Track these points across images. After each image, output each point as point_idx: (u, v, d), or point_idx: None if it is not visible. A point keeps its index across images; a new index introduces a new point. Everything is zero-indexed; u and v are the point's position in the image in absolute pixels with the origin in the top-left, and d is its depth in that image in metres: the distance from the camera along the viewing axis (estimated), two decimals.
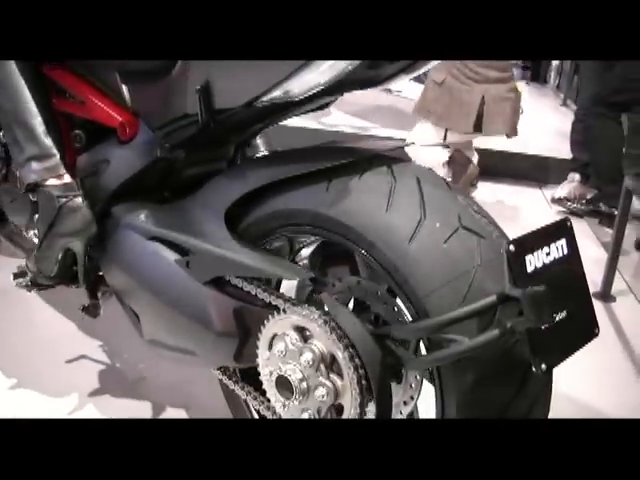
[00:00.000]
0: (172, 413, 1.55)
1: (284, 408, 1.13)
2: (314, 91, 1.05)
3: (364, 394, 1.04)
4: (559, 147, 4.02)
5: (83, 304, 1.49)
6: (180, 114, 1.24)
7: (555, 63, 5.60)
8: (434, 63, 1.15)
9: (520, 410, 0.99)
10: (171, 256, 1.24)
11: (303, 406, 1.09)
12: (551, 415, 1.07)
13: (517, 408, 0.99)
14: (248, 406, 1.37)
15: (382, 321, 1.12)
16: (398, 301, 1.08)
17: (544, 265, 0.93)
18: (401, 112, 4.44)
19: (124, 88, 1.32)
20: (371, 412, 1.08)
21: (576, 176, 3.55)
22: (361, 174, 1.06)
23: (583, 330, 0.99)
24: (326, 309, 1.08)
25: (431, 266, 0.97)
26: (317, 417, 1.09)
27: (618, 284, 2.45)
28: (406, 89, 4.81)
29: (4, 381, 1.69)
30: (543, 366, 0.90)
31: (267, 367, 1.14)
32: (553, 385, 1.05)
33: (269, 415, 1.22)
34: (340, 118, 4.09)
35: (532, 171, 3.92)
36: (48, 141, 1.35)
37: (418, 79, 3.66)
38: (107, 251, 1.35)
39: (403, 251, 0.99)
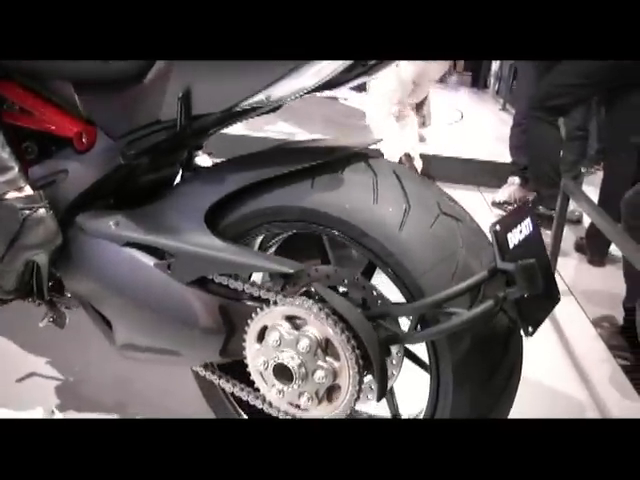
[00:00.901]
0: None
1: (280, 394, 1.19)
2: (297, 95, 1.12)
3: (361, 373, 1.13)
4: (499, 151, 4.08)
5: (51, 316, 1.46)
6: (146, 122, 1.25)
7: (494, 68, 5.77)
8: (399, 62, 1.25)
9: (503, 373, 1.12)
10: (148, 260, 1.25)
11: (302, 389, 1.16)
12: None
13: (501, 371, 1.12)
14: (230, 400, 1.40)
15: (367, 305, 1.20)
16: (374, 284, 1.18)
17: (519, 241, 1.06)
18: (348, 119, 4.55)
19: (78, 99, 1.31)
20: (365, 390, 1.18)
21: (516, 179, 3.63)
22: (342, 170, 1.15)
23: (550, 297, 1.13)
24: (316, 298, 1.16)
25: (422, 250, 1.08)
26: (315, 399, 1.16)
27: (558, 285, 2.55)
28: (352, 97, 4.94)
29: None
30: (530, 329, 1.03)
31: (259, 358, 1.19)
32: None
33: (257, 405, 1.27)
34: (285, 126, 4.10)
35: (472, 175, 4.01)
36: (5, 154, 1.31)
37: (358, 88, 3.80)
38: (73, 261, 1.34)
39: (395, 238, 1.08)
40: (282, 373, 1.16)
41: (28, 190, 1.32)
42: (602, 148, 3.72)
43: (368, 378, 1.18)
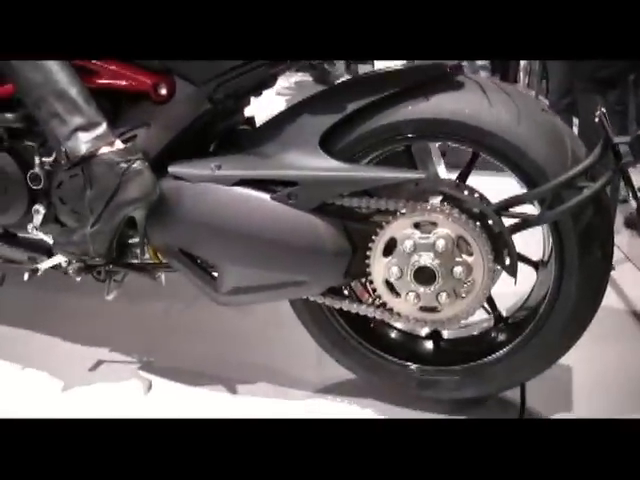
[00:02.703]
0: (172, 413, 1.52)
1: (416, 299, 1.26)
2: None
3: (493, 263, 1.24)
4: None
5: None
6: (235, 63, 1.28)
7: (523, 63, 5.71)
8: None
9: (609, 243, 1.28)
10: (263, 195, 1.27)
11: (442, 288, 1.24)
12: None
13: (608, 242, 1.27)
14: (342, 325, 1.43)
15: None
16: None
17: None
18: None
19: None
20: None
21: None
22: (448, 83, 1.25)
23: None
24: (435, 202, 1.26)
25: (539, 140, 1.21)
26: (453, 295, 1.25)
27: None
28: None
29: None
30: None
31: (391, 269, 1.26)
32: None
33: (384, 318, 1.33)
34: None
35: None
36: (92, 109, 1.26)
37: None
38: (171, 212, 1.31)
39: (516, 132, 1.20)
40: (422, 276, 1.24)
41: (119, 144, 1.27)
42: None
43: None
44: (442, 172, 1.43)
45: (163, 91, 1.32)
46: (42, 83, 1.24)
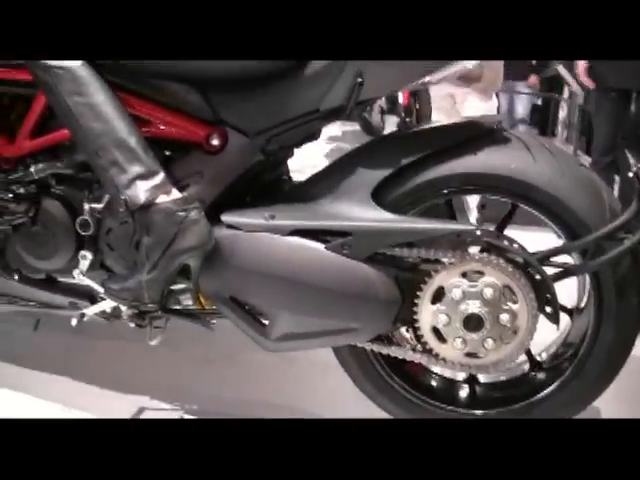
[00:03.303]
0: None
1: (463, 345, 1.31)
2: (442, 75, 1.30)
3: (537, 310, 1.30)
4: None
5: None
6: (289, 116, 1.33)
7: (562, 116, 5.74)
8: None
9: None
10: (316, 244, 1.31)
11: (489, 334, 1.30)
12: None
13: None
14: (386, 371, 1.47)
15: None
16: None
17: None
18: None
19: (206, 102, 1.35)
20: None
21: None
22: (494, 140, 1.33)
23: None
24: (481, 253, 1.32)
25: (580, 193, 1.29)
26: (499, 341, 1.31)
27: None
28: None
29: None
30: None
31: (439, 316, 1.31)
32: None
33: (429, 364, 1.38)
34: None
35: None
36: (150, 158, 1.30)
37: None
38: (223, 260, 1.34)
39: (559, 186, 1.28)
40: (471, 322, 1.30)
41: (176, 193, 1.31)
42: None
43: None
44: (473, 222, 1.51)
45: (215, 142, 1.37)
46: (103, 132, 1.28)
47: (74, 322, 1.47)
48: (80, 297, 1.52)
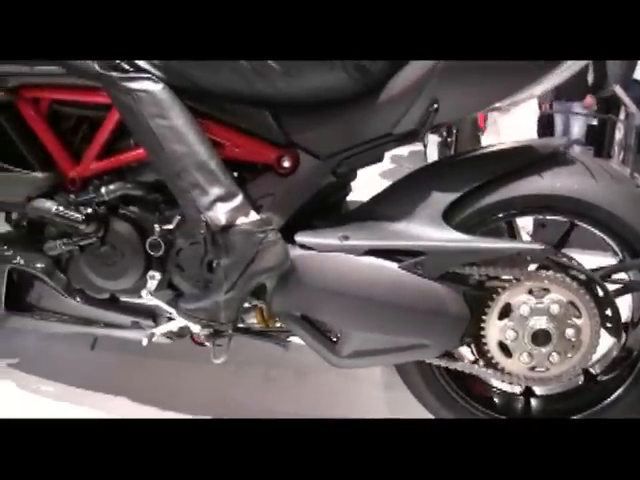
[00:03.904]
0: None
1: (529, 359, 1.37)
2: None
3: (599, 325, 1.36)
4: None
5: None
6: (361, 140, 1.38)
7: (618, 138, 5.65)
8: None
9: None
10: (390, 264, 1.36)
11: (555, 349, 1.36)
12: None
13: None
14: (451, 386, 1.52)
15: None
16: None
17: None
18: None
19: (278, 126, 1.39)
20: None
21: None
22: (557, 162, 1.39)
23: None
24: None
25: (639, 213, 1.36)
26: (563, 355, 1.37)
27: None
28: None
29: None
30: None
31: (506, 332, 1.37)
32: None
33: (498, 377, 1.43)
34: None
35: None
36: (229, 180, 1.33)
37: None
38: (297, 280, 1.38)
39: (622, 205, 1.35)
40: (539, 338, 1.36)
41: (254, 215, 1.34)
42: None
43: None
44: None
45: (287, 164, 1.40)
46: (185, 154, 1.31)
47: (145, 342, 1.48)
48: (143, 316, 1.54)
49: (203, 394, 1.83)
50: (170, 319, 1.48)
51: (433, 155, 5.02)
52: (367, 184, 1.62)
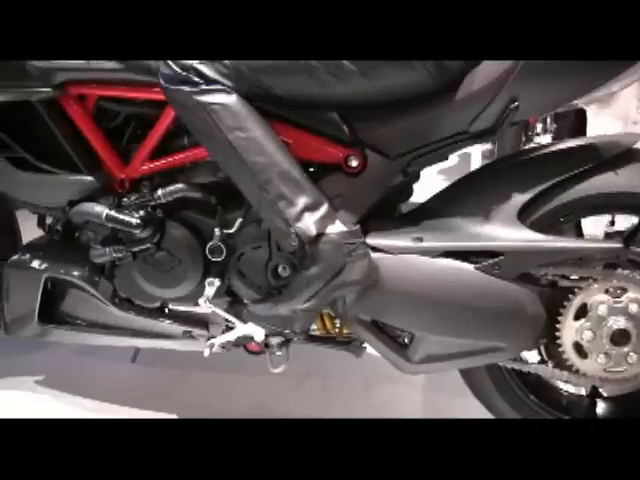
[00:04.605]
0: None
1: (606, 359, 1.34)
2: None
3: None
4: None
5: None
6: (434, 139, 1.33)
7: None
8: None
9: None
10: (467, 266, 1.32)
11: (634, 349, 1.33)
12: None
13: None
14: (519, 386, 1.48)
15: None
16: None
17: None
18: None
19: (347, 126, 1.34)
20: None
21: None
22: (631, 159, 1.36)
23: None
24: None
25: None
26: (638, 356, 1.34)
27: None
28: None
29: None
30: None
31: (583, 332, 1.34)
32: None
33: (573, 379, 1.39)
34: None
35: None
36: (313, 188, 1.27)
37: None
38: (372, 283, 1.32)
39: None
40: (616, 338, 1.33)
41: (340, 225, 1.28)
42: None
43: None
44: None
45: (354, 163, 1.35)
46: (268, 165, 1.24)
47: (206, 352, 1.40)
48: (198, 326, 1.46)
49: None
50: (229, 328, 1.41)
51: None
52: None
